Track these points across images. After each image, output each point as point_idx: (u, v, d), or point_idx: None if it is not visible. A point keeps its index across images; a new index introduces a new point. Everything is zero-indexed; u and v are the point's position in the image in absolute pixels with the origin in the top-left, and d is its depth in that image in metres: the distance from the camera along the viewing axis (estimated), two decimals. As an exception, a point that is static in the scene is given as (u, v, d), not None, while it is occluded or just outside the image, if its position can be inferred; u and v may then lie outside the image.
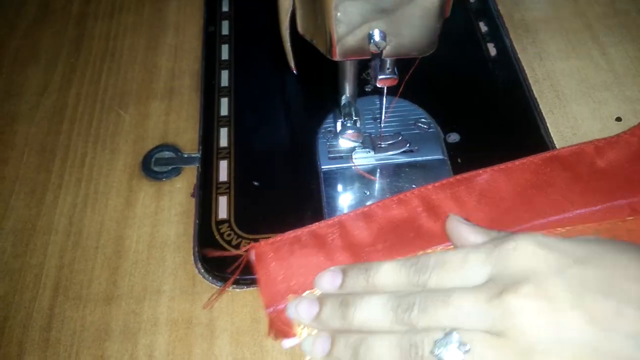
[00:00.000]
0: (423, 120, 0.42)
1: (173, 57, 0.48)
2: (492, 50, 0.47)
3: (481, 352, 0.25)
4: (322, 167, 0.40)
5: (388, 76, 0.33)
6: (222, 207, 0.39)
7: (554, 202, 0.35)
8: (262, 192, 0.39)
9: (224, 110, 0.44)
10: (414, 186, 0.38)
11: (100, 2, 0.53)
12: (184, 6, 0.52)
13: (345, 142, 0.40)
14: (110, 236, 0.38)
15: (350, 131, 0.38)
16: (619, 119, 0.42)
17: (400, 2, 0.27)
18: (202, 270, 0.36)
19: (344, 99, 0.38)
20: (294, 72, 0.35)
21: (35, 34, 0.51)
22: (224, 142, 0.42)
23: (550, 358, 0.24)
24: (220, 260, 0.36)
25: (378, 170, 0.40)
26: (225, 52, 0.48)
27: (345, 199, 0.39)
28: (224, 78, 0.46)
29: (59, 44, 0.50)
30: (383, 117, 0.41)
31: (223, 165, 0.41)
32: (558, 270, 0.26)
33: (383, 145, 0.40)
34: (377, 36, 0.28)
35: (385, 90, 0.36)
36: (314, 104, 0.45)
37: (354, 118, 0.38)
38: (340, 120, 0.39)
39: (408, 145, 0.40)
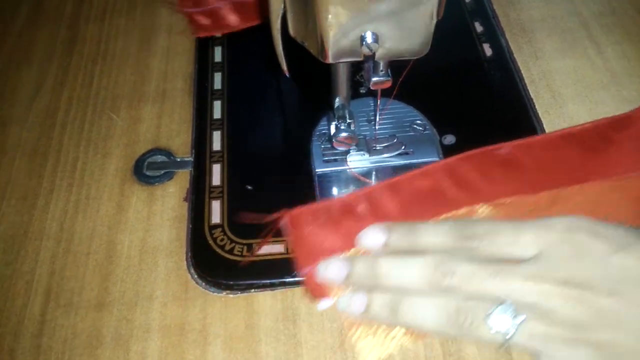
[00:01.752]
0: (418, 122, 0.41)
1: (165, 59, 0.48)
2: (488, 50, 0.47)
3: (531, 326, 0.27)
4: (317, 170, 0.40)
5: (382, 78, 0.33)
6: (216, 212, 0.38)
7: (572, 174, 0.37)
8: (255, 196, 0.39)
9: (217, 114, 0.43)
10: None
11: (92, 4, 0.53)
12: (177, 8, 0.51)
13: (339, 145, 0.40)
14: (102, 242, 0.38)
15: (344, 134, 0.38)
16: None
17: (393, 3, 0.27)
18: (195, 276, 0.36)
19: (337, 102, 0.37)
20: (286, 74, 0.34)
21: (28, 37, 0.50)
22: (217, 145, 0.42)
23: (590, 335, 0.27)
24: (214, 265, 0.36)
25: (373, 173, 0.39)
26: (218, 55, 0.47)
27: (339, 202, 0.38)
28: (217, 81, 0.45)
29: (52, 46, 0.49)
30: (377, 120, 0.40)
31: (216, 169, 0.40)
32: (601, 258, 0.28)
33: (378, 148, 0.40)
34: (369, 38, 0.28)
35: (379, 92, 0.35)
36: (307, 107, 0.44)
37: (348, 120, 0.38)
38: (334, 122, 0.38)
39: (403, 147, 0.40)
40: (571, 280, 0.27)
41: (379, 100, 0.37)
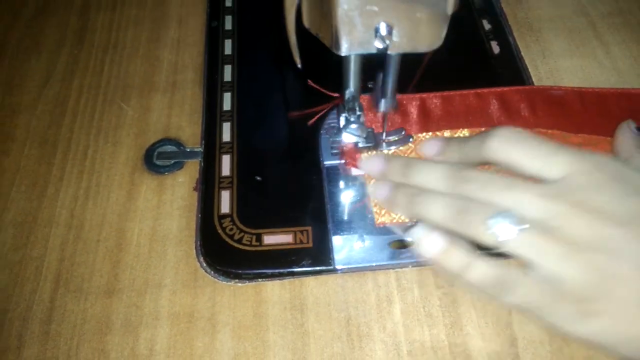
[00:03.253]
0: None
1: (176, 50, 0.48)
2: (496, 48, 0.47)
3: (530, 236, 0.28)
4: (325, 162, 0.40)
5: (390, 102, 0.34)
6: (225, 202, 0.38)
7: (615, 128, 0.37)
8: (264, 187, 0.39)
9: (227, 105, 0.44)
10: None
11: (102, -6, 0.53)
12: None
13: (348, 137, 0.40)
14: (112, 229, 0.38)
15: (353, 125, 0.38)
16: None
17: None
18: (204, 265, 0.36)
19: (347, 94, 0.37)
20: (299, 66, 0.35)
21: (38, 25, 0.51)
22: (226, 136, 0.42)
23: (585, 255, 0.27)
24: (222, 254, 0.36)
25: (381, 166, 0.40)
26: (228, 47, 0.47)
27: (347, 195, 0.38)
28: (227, 73, 0.46)
29: (62, 35, 0.50)
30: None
31: (226, 159, 0.41)
32: (621, 196, 0.28)
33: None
34: (383, 30, 0.28)
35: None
36: (317, 100, 0.45)
37: (358, 113, 0.38)
38: (344, 114, 0.39)
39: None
40: (584, 204, 0.28)
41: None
